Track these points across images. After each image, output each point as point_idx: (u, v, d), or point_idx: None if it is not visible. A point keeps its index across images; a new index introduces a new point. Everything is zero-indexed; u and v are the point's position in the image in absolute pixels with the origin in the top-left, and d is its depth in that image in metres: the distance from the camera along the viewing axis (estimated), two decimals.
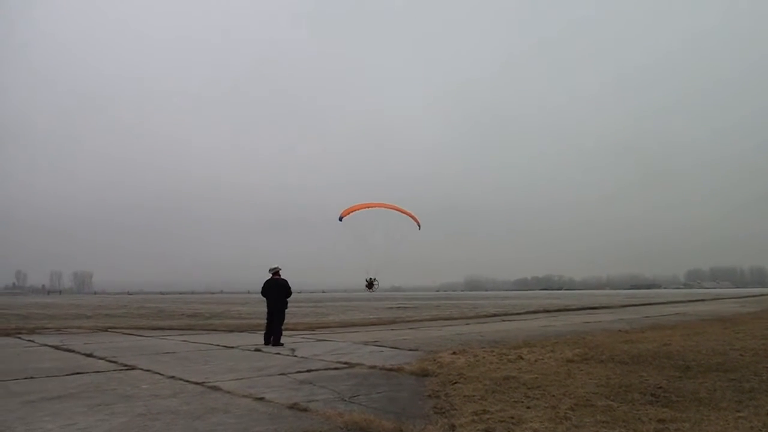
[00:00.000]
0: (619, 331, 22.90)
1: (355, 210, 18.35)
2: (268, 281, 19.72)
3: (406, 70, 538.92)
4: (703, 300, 67.31)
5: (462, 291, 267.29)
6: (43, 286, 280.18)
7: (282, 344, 18.79)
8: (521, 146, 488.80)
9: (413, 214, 18.57)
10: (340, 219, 19.11)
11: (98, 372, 13.16)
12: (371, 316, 37.78)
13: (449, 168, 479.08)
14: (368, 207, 18.32)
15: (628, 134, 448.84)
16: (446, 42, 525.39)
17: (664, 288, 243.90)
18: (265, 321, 19.59)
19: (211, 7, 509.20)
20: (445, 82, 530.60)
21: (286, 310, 19.80)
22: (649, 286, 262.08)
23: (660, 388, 9.86)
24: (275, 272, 19.82)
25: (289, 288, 19.86)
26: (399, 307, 53.78)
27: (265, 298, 19.68)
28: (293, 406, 8.85)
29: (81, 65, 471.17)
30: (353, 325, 29.97)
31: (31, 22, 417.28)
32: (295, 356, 16.03)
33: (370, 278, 19.15)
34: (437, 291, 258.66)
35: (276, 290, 19.52)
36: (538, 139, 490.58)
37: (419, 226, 18.96)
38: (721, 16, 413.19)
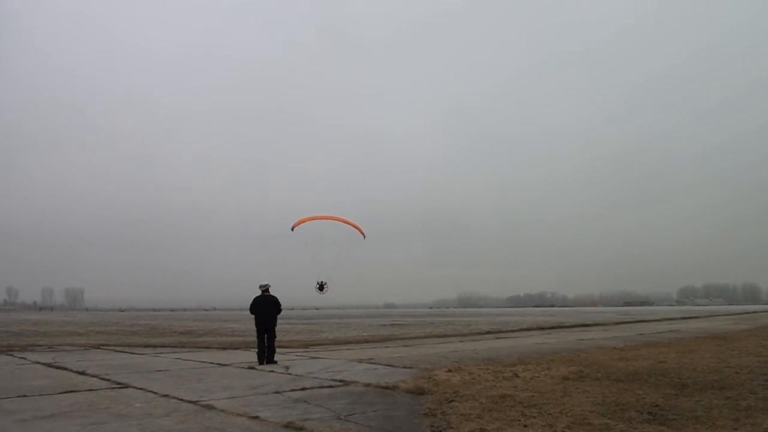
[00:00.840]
0: (614, 348, 22.87)
1: (306, 221, 19.42)
2: (257, 298, 19.60)
3: (403, 85, 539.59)
4: (696, 317, 67.33)
5: (455, 308, 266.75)
6: (35, 302, 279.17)
7: (276, 362, 18.71)
8: (516, 165, 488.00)
9: (358, 225, 19.71)
10: (292, 229, 20.04)
11: (91, 390, 13.08)
12: (365, 333, 37.66)
13: (442, 185, 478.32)
14: (319, 219, 19.47)
15: (621, 152, 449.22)
16: (446, 58, 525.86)
17: (657, 305, 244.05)
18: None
19: (209, 18, 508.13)
20: (441, 98, 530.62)
21: (276, 328, 19.69)
22: (642, 303, 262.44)
23: (656, 406, 9.85)
24: (265, 289, 19.73)
25: (280, 305, 19.77)
26: (393, 324, 53.63)
27: (254, 316, 19.58)
28: (288, 425, 8.81)
29: (69, 75, 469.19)
30: (347, 342, 29.86)
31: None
32: (290, 374, 15.96)
33: (321, 281, 19.46)
34: (430, 308, 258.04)
35: (266, 307, 19.43)
36: (532, 158, 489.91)
37: (364, 236, 20.02)
38: (721, 33, 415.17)
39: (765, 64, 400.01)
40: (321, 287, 20.82)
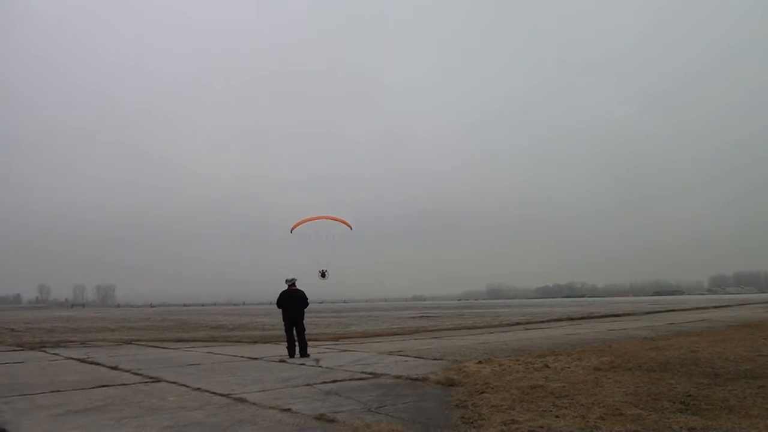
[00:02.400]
0: (645, 338, 22.71)
1: (302, 223, 21.45)
2: (284, 292, 19.66)
3: (426, 82, 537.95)
4: (728, 306, 66.62)
5: (484, 299, 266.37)
6: (67, 299, 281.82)
7: (308, 355, 18.79)
8: (546, 156, 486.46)
9: (345, 219, 21.86)
10: (291, 231, 21.88)
11: (124, 385, 13.19)
12: (394, 326, 37.72)
13: (471, 180, 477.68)
14: (313, 219, 21.49)
15: (650, 145, 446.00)
16: (468, 61, 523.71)
17: (688, 294, 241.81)
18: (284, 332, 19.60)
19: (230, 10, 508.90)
20: (465, 92, 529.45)
21: (304, 321, 19.75)
22: (672, 293, 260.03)
23: (689, 395, 9.77)
24: (292, 283, 19.80)
25: (306, 299, 19.82)
26: (421, 317, 53.64)
27: (281, 310, 19.66)
28: (320, 417, 8.83)
29: (99, 62, 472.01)
30: (376, 335, 29.91)
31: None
32: (320, 367, 16.01)
33: (323, 270, 21.49)
34: (459, 300, 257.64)
35: (293, 301, 19.49)
36: (561, 149, 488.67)
37: (350, 228, 22.04)
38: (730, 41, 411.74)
39: None
40: (323, 275, 22.04)
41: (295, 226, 21.83)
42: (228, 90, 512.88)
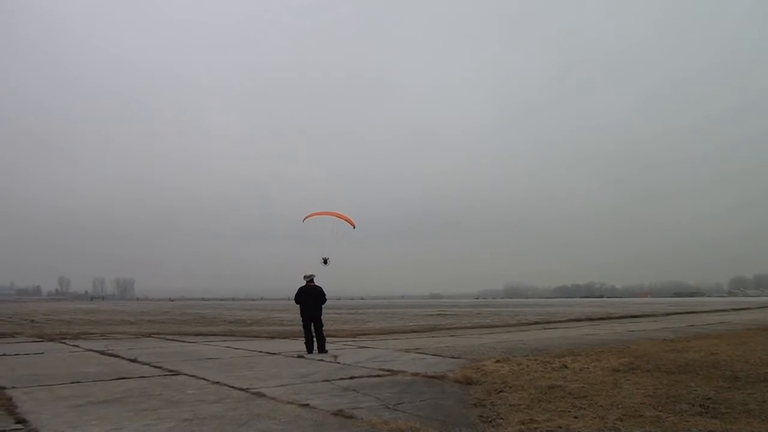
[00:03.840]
0: (665, 340, 22.56)
1: (313, 215, 22.71)
2: (302, 288, 19.71)
3: (441, 84, 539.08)
4: (748, 308, 66.07)
5: (502, 298, 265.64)
6: (86, 292, 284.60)
7: (327, 351, 18.83)
8: (563, 154, 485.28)
9: (349, 217, 22.96)
10: (303, 221, 23.02)
11: (143, 377, 13.30)
12: (411, 323, 37.66)
13: (489, 178, 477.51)
14: (323, 214, 22.89)
15: (670, 142, 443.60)
16: (490, 53, 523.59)
17: (708, 296, 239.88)
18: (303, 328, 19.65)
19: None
20: (481, 94, 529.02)
21: (322, 317, 19.79)
22: (692, 294, 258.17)
23: (708, 398, 9.71)
24: (310, 279, 19.85)
25: (324, 295, 19.86)
26: (439, 315, 53.54)
27: (298, 305, 19.72)
28: (338, 413, 8.85)
29: (114, 63, 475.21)
30: (394, 332, 29.89)
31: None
32: (338, 363, 16.05)
33: (325, 257, 22.19)
34: (476, 298, 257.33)
35: (311, 297, 19.52)
36: (578, 147, 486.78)
37: (354, 226, 23.01)
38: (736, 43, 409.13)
39: None
40: (325, 261, 22.67)
41: (307, 217, 22.90)
42: (246, 89, 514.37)
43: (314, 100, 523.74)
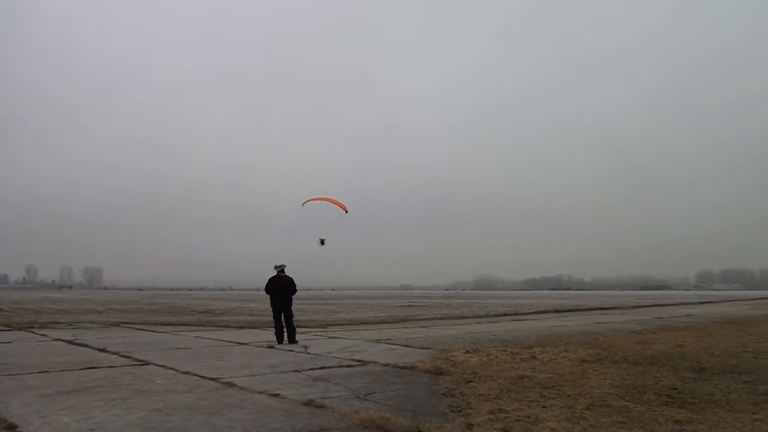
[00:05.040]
0: (632, 332, 22.87)
1: (312, 200, 24.09)
2: (272, 278, 19.68)
3: (426, 76, 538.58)
4: (714, 302, 67.07)
5: (471, 290, 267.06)
6: (54, 281, 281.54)
7: (297, 341, 18.83)
8: (535, 149, 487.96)
9: (343, 203, 24.41)
10: (302, 205, 24.30)
11: (113, 367, 13.22)
12: (382, 314, 37.76)
13: (461, 173, 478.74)
14: (320, 200, 24.30)
15: (640, 138, 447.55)
16: (472, 57, 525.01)
17: (675, 289, 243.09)
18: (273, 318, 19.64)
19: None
20: (461, 82, 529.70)
21: (293, 308, 19.77)
22: (659, 288, 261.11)
23: (675, 389, 9.87)
24: (281, 269, 19.82)
25: (295, 285, 19.86)
26: (409, 306, 53.74)
27: (269, 295, 19.70)
28: (309, 403, 8.87)
29: (89, 51, 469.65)
30: (364, 322, 29.95)
31: None
32: (309, 353, 16.06)
33: (322, 238, 24.28)
34: (447, 290, 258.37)
35: (282, 288, 19.51)
36: (551, 142, 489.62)
37: (346, 211, 24.41)
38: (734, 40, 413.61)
39: None
40: (322, 242, 24.27)
41: (306, 202, 24.06)
42: (222, 78, 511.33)
43: (289, 91, 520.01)
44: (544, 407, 8.43)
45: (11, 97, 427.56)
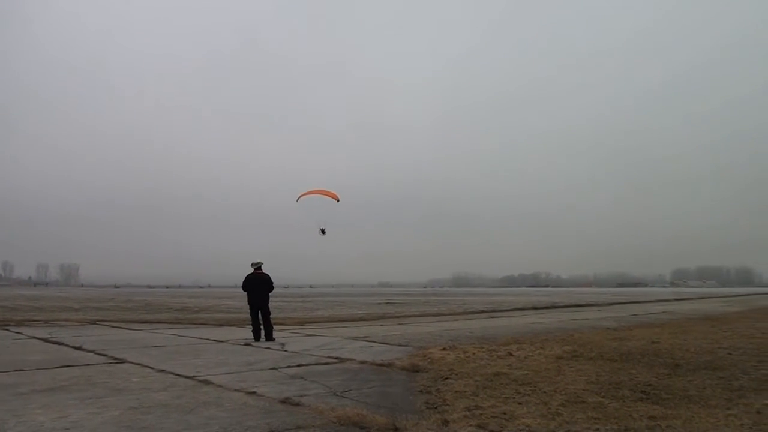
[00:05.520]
0: (608, 328, 23.01)
1: (307, 195, 25.02)
2: (249, 276, 19.69)
3: (409, 73, 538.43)
4: (689, 299, 67.56)
5: (449, 287, 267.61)
6: (30, 278, 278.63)
7: (274, 339, 18.79)
8: (513, 147, 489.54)
9: (334, 193, 25.13)
10: (297, 200, 25.24)
11: (88, 365, 13.12)
12: (360, 312, 37.74)
13: (439, 167, 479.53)
14: (314, 193, 25.10)
15: (618, 138, 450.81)
16: (432, 28, 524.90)
17: (651, 287, 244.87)
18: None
19: None
20: (446, 79, 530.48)
21: (270, 305, 19.74)
22: (635, 285, 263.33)
23: (650, 385, 9.94)
24: (258, 267, 19.80)
25: (272, 283, 19.85)
26: (387, 303, 53.75)
27: (246, 293, 19.66)
28: (285, 401, 8.87)
29: (76, 44, 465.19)
30: (342, 320, 29.92)
31: None
32: (286, 351, 16.03)
33: (322, 228, 25.53)
34: (425, 287, 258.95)
35: (259, 285, 19.50)
36: (529, 142, 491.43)
37: (338, 200, 25.13)
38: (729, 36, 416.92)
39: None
40: (323, 231, 25.43)
41: (300, 196, 25.07)
42: (199, 73, 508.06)
43: (271, 85, 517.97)
44: (519, 404, 8.47)
45: None
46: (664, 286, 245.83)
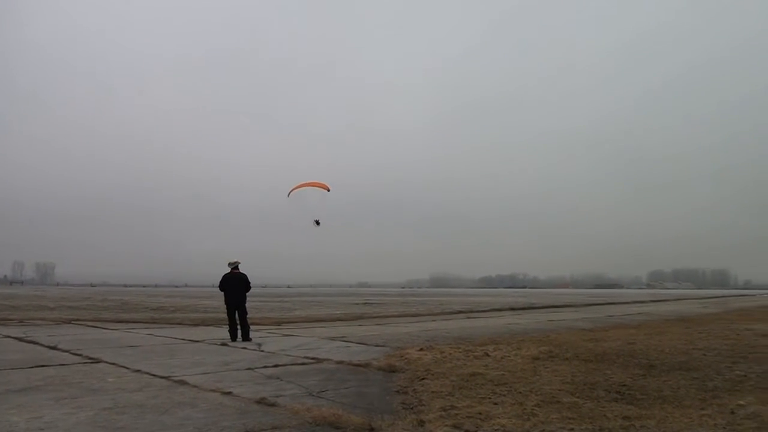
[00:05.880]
0: (584, 329, 23.16)
1: (297, 188, 25.27)
2: (226, 275, 19.64)
3: (389, 68, 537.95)
4: (665, 300, 68.12)
5: (428, 288, 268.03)
6: (5, 276, 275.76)
7: (251, 339, 18.73)
8: (491, 148, 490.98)
9: (325, 184, 25.63)
10: (288, 195, 25.55)
11: (63, 365, 13.03)
12: (338, 312, 37.70)
13: (419, 172, 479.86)
14: (304, 186, 25.39)
15: (596, 137, 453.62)
16: (432, 27, 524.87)
17: (627, 288, 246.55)
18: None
19: None
20: (432, 81, 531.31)
21: (247, 305, 19.69)
22: (612, 286, 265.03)
23: (624, 385, 10.02)
24: (234, 266, 19.74)
25: (249, 282, 19.81)
26: (365, 303, 53.73)
27: (223, 293, 19.60)
28: (261, 401, 8.85)
29: (52, 39, 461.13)
30: (319, 320, 29.89)
31: None
32: (262, 351, 15.99)
33: (316, 219, 25.86)
34: (403, 287, 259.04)
35: (236, 284, 19.45)
36: (508, 142, 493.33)
37: (328, 190, 25.61)
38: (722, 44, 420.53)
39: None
40: (317, 223, 25.81)
41: (291, 191, 25.44)
42: (184, 70, 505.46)
43: (253, 86, 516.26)
44: (495, 404, 8.51)
45: None
46: (640, 288, 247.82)
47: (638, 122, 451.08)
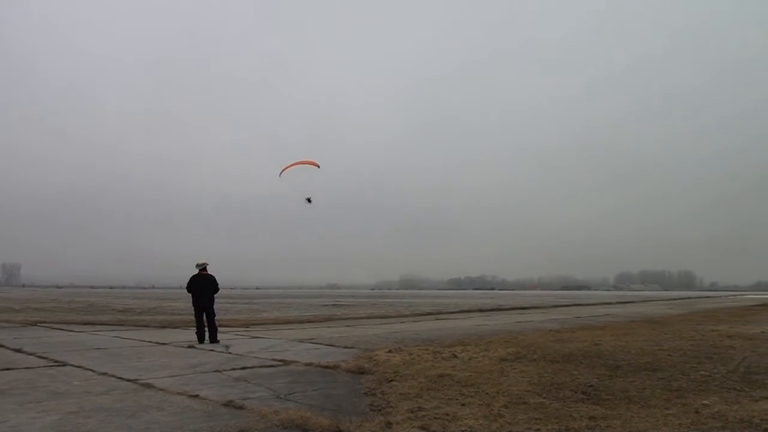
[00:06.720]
0: (551, 330, 23.34)
1: (288, 168, 26.32)
2: (194, 277, 19.47)
3: (359, 64, 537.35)
4: (632, 302, 68.79)
5: (397, 289, 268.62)
6: None
7: (218, 341, 18.64)
8: (459, 150, 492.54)
9: (314, 161, 26.73)
10: (279, 175, 26.42)
11: (29, 368, 12.89)
12: (307, 313, 37.67)
13: (391, 173, 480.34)
14: (296, 165, 26.41)
15: (565, 142, 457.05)
16: (406, 37, 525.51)
17: (594, 290, 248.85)
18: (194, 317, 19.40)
19: None
20: (393, 80, 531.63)
21: (215, 307, 19.58)
22: (580, 288, 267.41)
23: (591, 386, 10.13)
24: (203, 267, 19.61)
25: (217, 284, 19.67)
26: (335, 305, 53.72)
27: (190, 294, 19.47)
28: (228, 404, 8.83)
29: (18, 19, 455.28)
30: (288, 322, 29.81)
31: None
32: (230, 353, 15.92)
33: (308, 197, 26.58)
34: (372, 289, 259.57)
35: (204, 286, 19.32)
36: (476, 144, 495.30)
37: (318, 167, 26.63)
38: (696, 19, 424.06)
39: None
40: (309, 200, 26.58)
41: (282, 170, 26.48)
42: (141, 68, 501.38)
43: (217, 81, 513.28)
44: (462, 405, 8.56)
45: None
46: (607, 290, 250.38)
47: (609, 131, 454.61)
